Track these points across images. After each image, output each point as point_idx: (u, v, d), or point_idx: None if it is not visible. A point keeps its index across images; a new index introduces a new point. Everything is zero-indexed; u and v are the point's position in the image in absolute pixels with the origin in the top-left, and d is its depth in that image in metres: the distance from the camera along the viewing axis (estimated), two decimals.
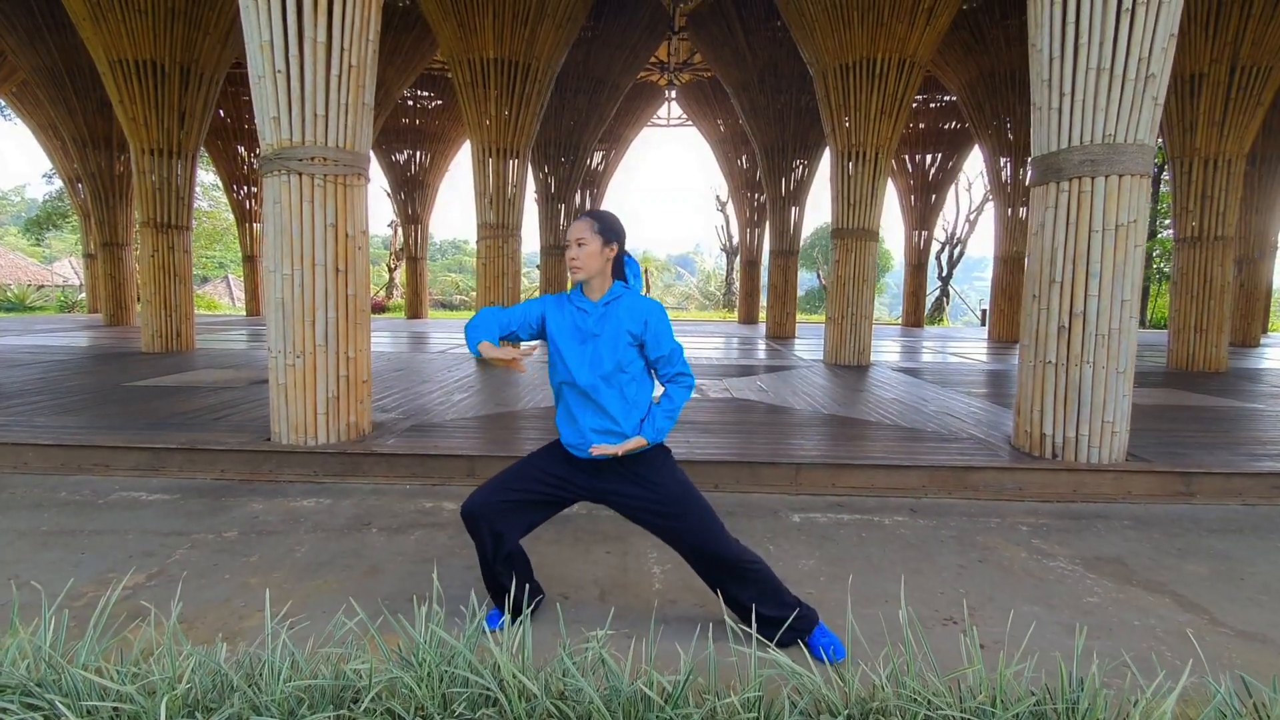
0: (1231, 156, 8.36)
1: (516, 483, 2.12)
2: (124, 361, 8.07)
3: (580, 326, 2.06)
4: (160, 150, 8.69)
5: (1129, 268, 3.79)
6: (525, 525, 2.15)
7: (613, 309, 2.05)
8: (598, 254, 2.02)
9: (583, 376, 2.03)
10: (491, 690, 1.49)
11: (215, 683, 1.61)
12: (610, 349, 2.01)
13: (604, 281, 2.07)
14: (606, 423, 2.03)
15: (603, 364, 2.01)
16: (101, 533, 3.02)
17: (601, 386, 2.01)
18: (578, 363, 2.04)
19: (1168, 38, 3.60)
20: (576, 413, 2.06)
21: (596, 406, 2.03)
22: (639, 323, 2.02)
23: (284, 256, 3.86)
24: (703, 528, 2.04)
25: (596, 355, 2.02)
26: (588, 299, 2.09)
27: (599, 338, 2.03)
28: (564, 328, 2.09)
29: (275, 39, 3.65)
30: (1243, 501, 3.72)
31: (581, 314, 2.07)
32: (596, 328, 2.04)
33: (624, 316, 2.03)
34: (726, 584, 2.06)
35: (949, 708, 1.42)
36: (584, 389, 2.03)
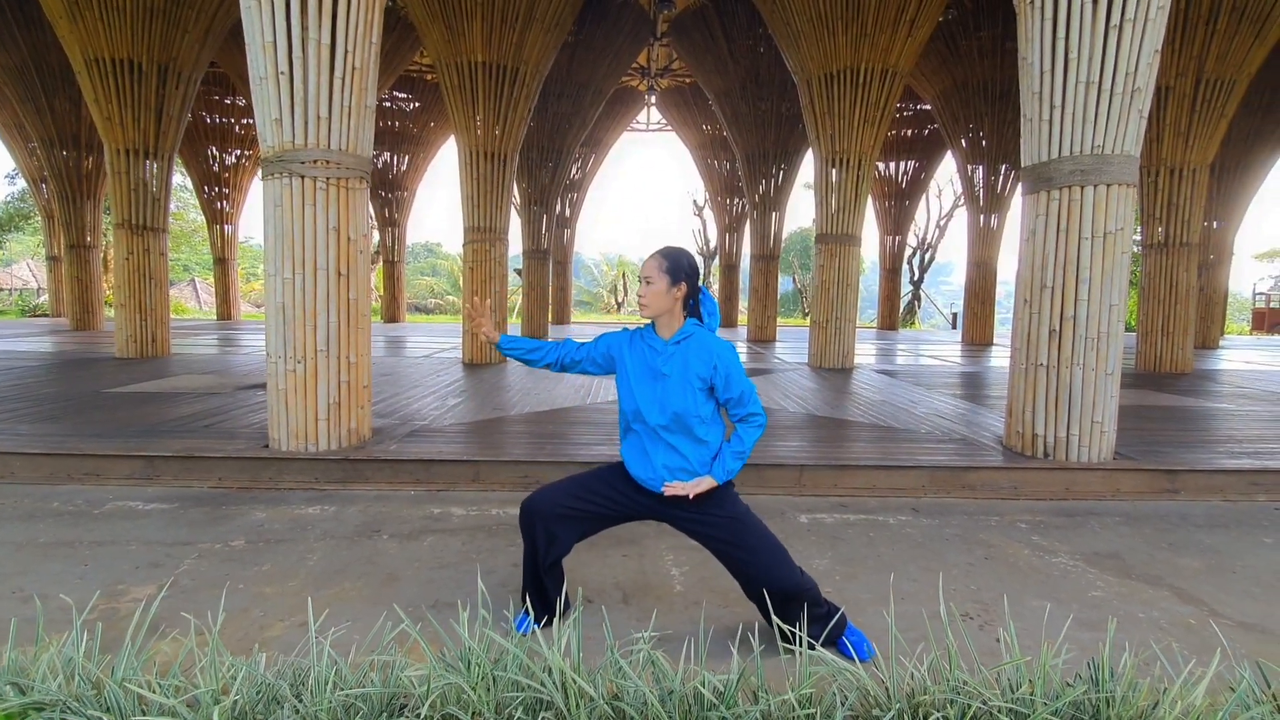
0: (1196, 166, 8.70)
1: (584, 493, 2.12)
2: (99, 367, 7.84)
3: (651, 365, 2.06)
4: (136, 150, 8.47)
5: (1116, 273, 3.93)
6: (580, 533, 2.16)
7: (682, 349, 2.03)
8: (664, 293, 2.01)
9: (653, 416, 2.02)
10: (547, 693, 1.50)
11: (261, 694, 1.59)
12: (680, 390, 2.00)
13: (673, 319, 2.06)
14: (679, 460, 2.03)
15: (672, 405, 2.00)
16: (102, 544, 2.94)
17: (673, 426, 2.01)
18: (648, 401, 2.03)
19: (1152, 53, 3.75)
20: (649, 449, 2.05)
21: (667, 445, 2.03)
22: (708, 365, 2.00)
23: (285, 260, 3.81)
24: (772, 561, 2.01)
25: (666, 395, 2.01)
26: (659, 337, 2.08)
27: (669, 378, 2.02)
28: (636, 365, 2.09)
29: (279, 40, 3.60)
30: (1224, 498, 3.87)
31: (652, 352, 2.06)
32: (666, 367, 2.03)
33: (693, 359, 2.01)
34: (784, 611, 2.00)
35: (997, 699, 1.47)
36: (654, 428, 2.03)
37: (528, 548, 2.15)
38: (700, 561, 2.84)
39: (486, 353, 9.06)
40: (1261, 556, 3.01)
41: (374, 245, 27.51)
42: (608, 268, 40.87)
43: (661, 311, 2.03)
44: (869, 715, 1.51)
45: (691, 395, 2.00)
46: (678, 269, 2.02)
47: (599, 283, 40.20)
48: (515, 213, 15.37)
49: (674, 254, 2.04)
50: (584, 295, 39.48)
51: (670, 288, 2.01)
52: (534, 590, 2.17)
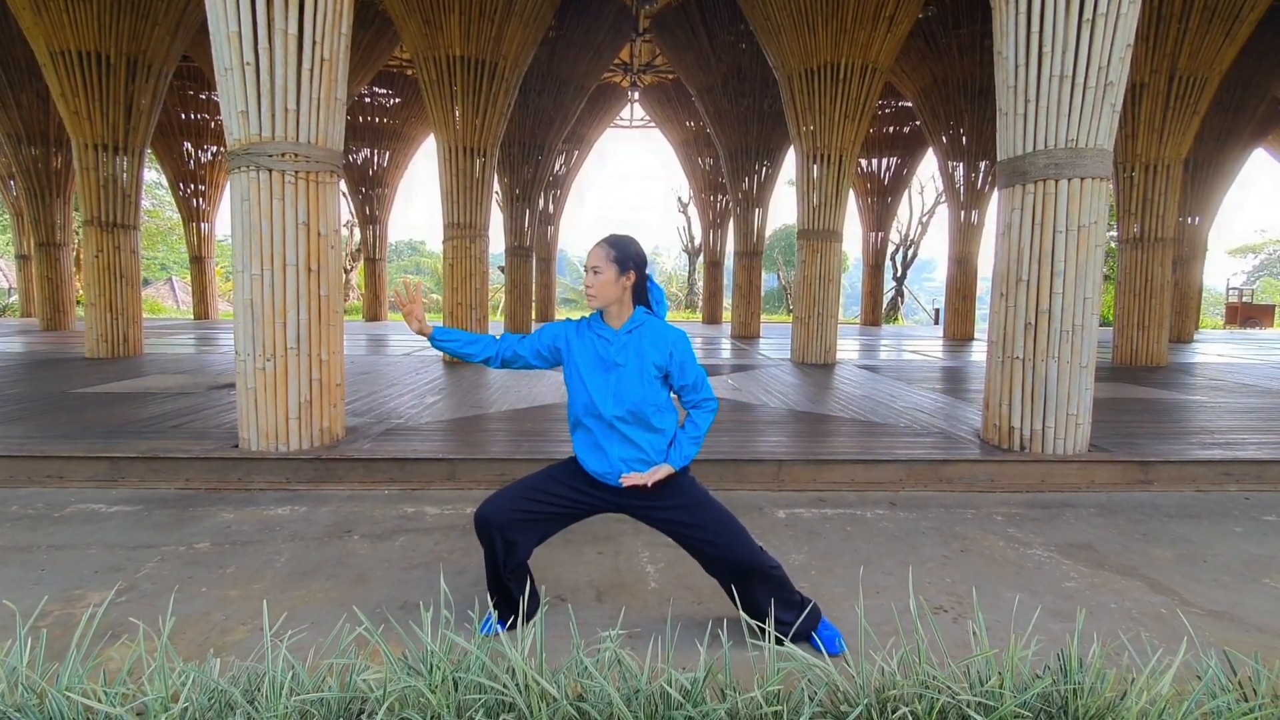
0: (1170, 162, 8.82)
1: (536, 494, 2.07)
2: (68, 367, 7.66)
3: (602, 355, 2.01)
4: (105, 146, 8.27)
5: (1090, 267, 3.95)
6: (540, 536, 2.11)
7: (635, 338, 2.00)
8: (613, 282, 1.97)
9: (608, 408, 1.98)
10: (509, 695, 1.46)
11: (212, 701, 1.53)
12: (635, 380, 1.96)
13: (623, 309, 2.02)
14: (634, 451, 1.99)
15: (628, 396, 1.96)
16: (61, 547, 2.86)
17: (628, 418, 1.97)
18: (602, 394, 1.99)
19: (1125, 47, 3.77)
20: (603, 443, 2.01)
21: (622, 437, 1.99)
22: (663, 353, 1.98)
23: (253, 256, 3.72)
24: (731, 539, 2.01)
25: (621, 387, 1.97)
26: (608, 326, 2.04)
27: (622, 368, 1.98)
28: (586, 356, 2.04)
29: (244, 30, 3.51)
30: (1196, 488, 3.92)
31: (603, 342, 2.02)
32: (619, 357, 1.99)
33: (647, 347, 1.98)
34: (748, 588, 2.01)
35: (964, 693, 1.45)
36: (610, 420, 1.99)
37: (487, 554, 2.10)
38: (676, 558, 2.81)
39: None
40: (1232, 545, 3.04)
41: (355, 243, 27.21)
42: None
43: (610, 301, 1.99)
44: (837, 711, 1.49)
45: (648, 384, 1.97)
46: (625, 257, 1.98)
47: (584, 280, 40.07)
48: (498, 209, 15.29)
49: (621, 242, 2.01)
50: (569, 293, 39.36)
51: (619, 276, 1.97)
52: (498, 592, 2.13)
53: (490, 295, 24.04)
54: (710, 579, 2.60)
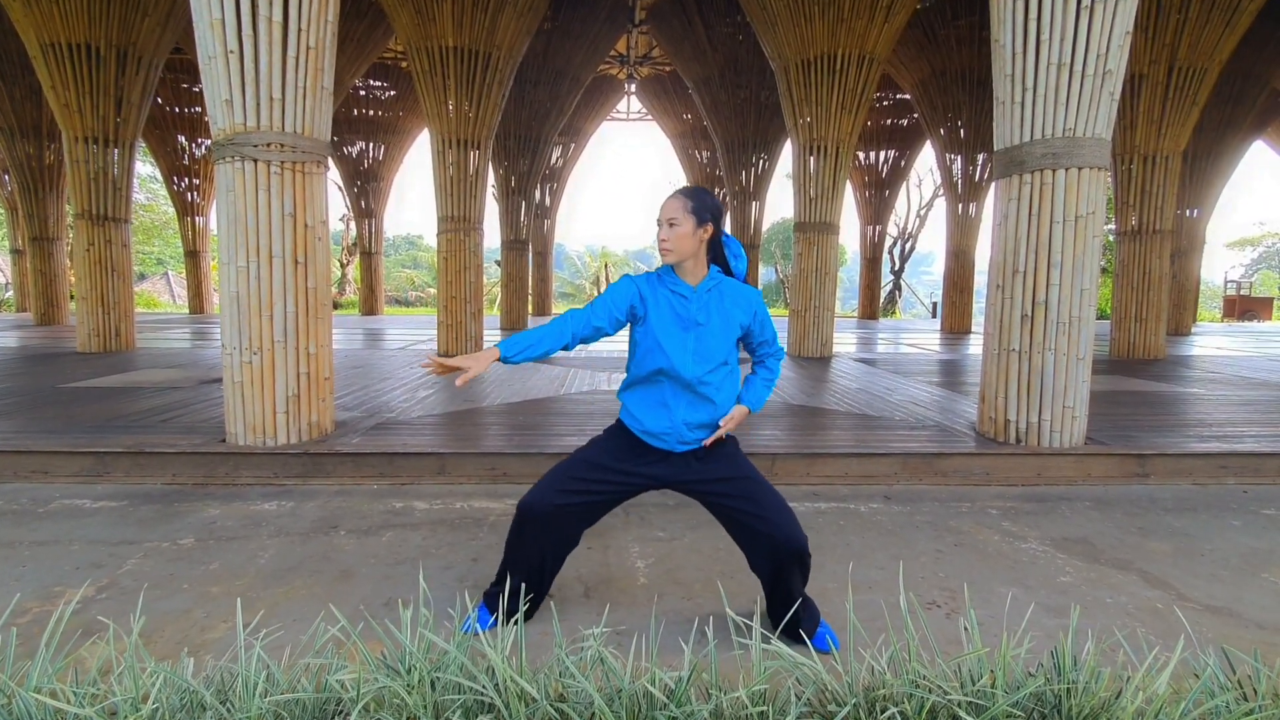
0: (1169, 154, 8.76)
1: (590, 474, 1.98)
2: (59, 362, 7.60)
3: (680, 313, 1.92)
4: (96, 138, 8.19)
5: (1088, 258, 3.91)
6: (589, 522, 2.07)
7: (715, 296, 1.93)
8: (690, 235, 1.88)
9: (689, 369, 1.91)
10: (488, 695, 1.42)
11: (184, 701, 1.49)
12: (720, 341, 1.92)
13: (698, 265, 1.93)
14: (705, 415, 1.95)
15: (713, 356, 1.92)
16: (43, 544, 2.82)
17: (709, 379, 1.93)
18: (681, 354, 1.91)
19: (1123, 35, 3.72)
20: (671, 401, 1.93)
21: (699, 398, 1.93)
22: (749, 313, 1.96)
23: (239, 248, 3.67)
24: (781, 514, 1.94)
25: (703, 347, 1.91)
26: (684, 282, 1.94)
27: (703, 327, 1.91)
28: (663, 314, 1.93)
29: (227, 17, 3.44)
30: (1193, 481, 3.88)
31: (680, 300, 1.93)
32: (701, 316, 1.91)
33: (731, 306, 1.93)
34: (789, 575, 1.94)
35: (955, 692, 1.41)
36: (689, 382, 1.91)
37: (532, 551, 2.00)
38: (666, 553, 2.78)
39: (462, 344, 8.92)
40: (1229, 539, 3.01)
41: (352, 237, 27.08)
42: (590, 259, 40.67)
43: (687, 255, 1.90)
44: (825, 711, 1.45)
45: (729, 343, 1.95)
46: (703, 208, 1.89)
47: (582, 274, 39.99)
48: (494, 202, 15.20)
49: (698, 192, 1.92)
50: (567, 287, 39.23)
51: (696, 228, 1.88)
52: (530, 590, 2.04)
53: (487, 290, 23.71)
54: (699, 573, 2.57)
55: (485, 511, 3.28)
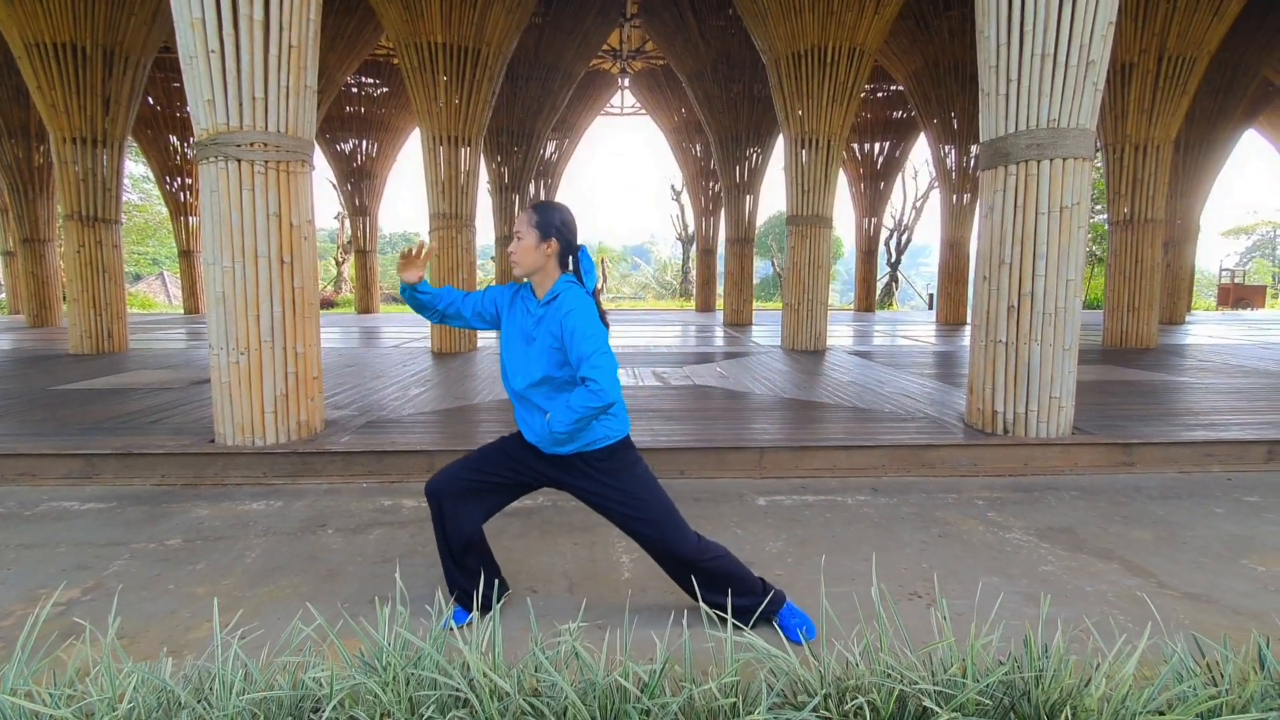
0: (1160, 143, 8.76)
1: (482, 464, 2.07)
2: (50, 364, 7.59)
3: (524, 327, 1.98)
4: (83, 139, 8.15)
5: (1073, 248, 3.91)
6: (488, 508, 2.10)
7: (549, 310, 1.92)
8: (533, 248, 1.90)
9: (516, 381, 1.97)
10: (461, 691, 1.44)
11: (160, 700, 1.50)
12: (540, 355, 1.92)
13: (546, 279, 1.95)
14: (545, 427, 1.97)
15: (533, 372, 1.92)
16: (29, 546, 2.82)
17: (533, 394, 1.94)
18: (514, 367, 1.98)
19: (1106, 25, 3.71)
20: (524, 414, 2.02)
21: (536, 407, 1.96)
22: (558, 323, 1.87)
23: (223, 248, 3.66)
24: (663, 525, 1.99)
25: (529, 360, 1.94)
26: (534, 297, 1.98)
27: (535, 341, 1.93)
28: (512, 327, 2.02)
29: (208, 16, 3.43)
30: (1179, 470, 3.90)
31: (526, 314, 1.99)
32: (534, 330, 1.94)
33: (551, 318, 1.90)
34: (687, 581, 2.01)
35: (923, 681, 1.43)
36: (520, 393, 1.98)
37: (437, 531, 2.09)
38: None
39: (455, 342, 8.92)
40: (1212, 526, 3.03)
41: (347, 236, 27.01)
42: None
43: (532, 268, 1.94)
44: (795, 701, 1.47)
45: (551, 357, 1.90)
46: (547, 224, 1.91)
47: None
48: (489, 197, 15.16)
49: (544, 207, 1.95)
50: None
51: (539, 243, 1.91)
52: (456, 583, 2.10)
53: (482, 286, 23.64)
54: None
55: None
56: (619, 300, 35.17)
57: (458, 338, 8.93)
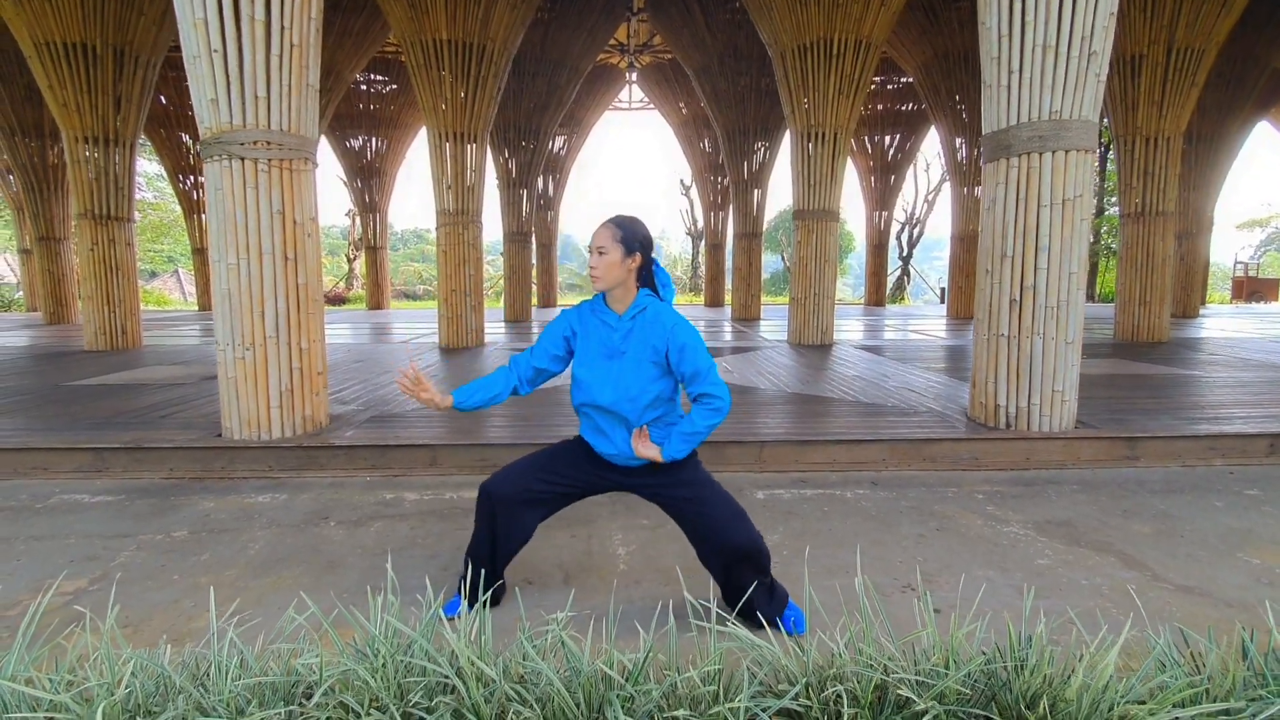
0: (1170, 135, 8.65)
1: (546, 473, 2.06)
2: (65, 360, 7.72)
3: (606, 342, 1.97)
4: (95, 138, 8.26)
5: (1075, 241, 3.89)
6: (544, 515, 2.12)
7: (638, 324, 1.95)
8: (618, 264, 1.92)
9: (604, 396, 1.94)
10: (448, 678, 1.47)
11: (158, 685, 1.55)
12: (637, 369, 1.93)
13: (627, 293, 1.97)
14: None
15: (628, 386, 1.93)
16: (40, 538, 2.89)
17: (625, 406, 1.95)
18: (600, 383, 1.95)
19: (1108, 16, 3.68)
20: (606, 428, 2.00)
21: (623, 422, 1.97)
22: (663, 339, 1.91)
23: (229, 245, 3.71)
24: (730, 519, 1.99)
25: (620, 375, 1.94)
26: (612, 311, 1.99)
27: (624, 355, 1.95)
28: (591, 344, 1.99)
29: (210, 16, 3.47)
30: (1183, 463, 3.88)
31: (607, 329, 1.98)
32: (622, 344, 1.95)
33: (649, 333, 1.93)
34: (739, 571, 1.99)
35: (903, 671, 1.44)
36: (606, 408, 1.96)
37: (484, 535, 2.07)
38: (648, 541, 2.81)
39: (463, 337, 8.98)
40: (1211, 519, 3.02)
41: (358, 232, 27.18)
42: None
43: (615, 283, 1.95)
44: (777, 690, 1.49)
45: (645, 371, 1.93)
46: (632, 238, 1.94)
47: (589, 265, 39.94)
48: (498, 192, 15.20)
49: (627, 222, 1.97)
50: (575, 278, 39.26)
51: (624, 258, 1.93)
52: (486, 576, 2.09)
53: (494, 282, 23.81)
54: (678, 560, 2.61)
55: (473, 502, 3.33)
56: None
57: (465, 334, 8.99)
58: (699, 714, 1.42)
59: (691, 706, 1.45)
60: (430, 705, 1.43)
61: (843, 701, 1.40)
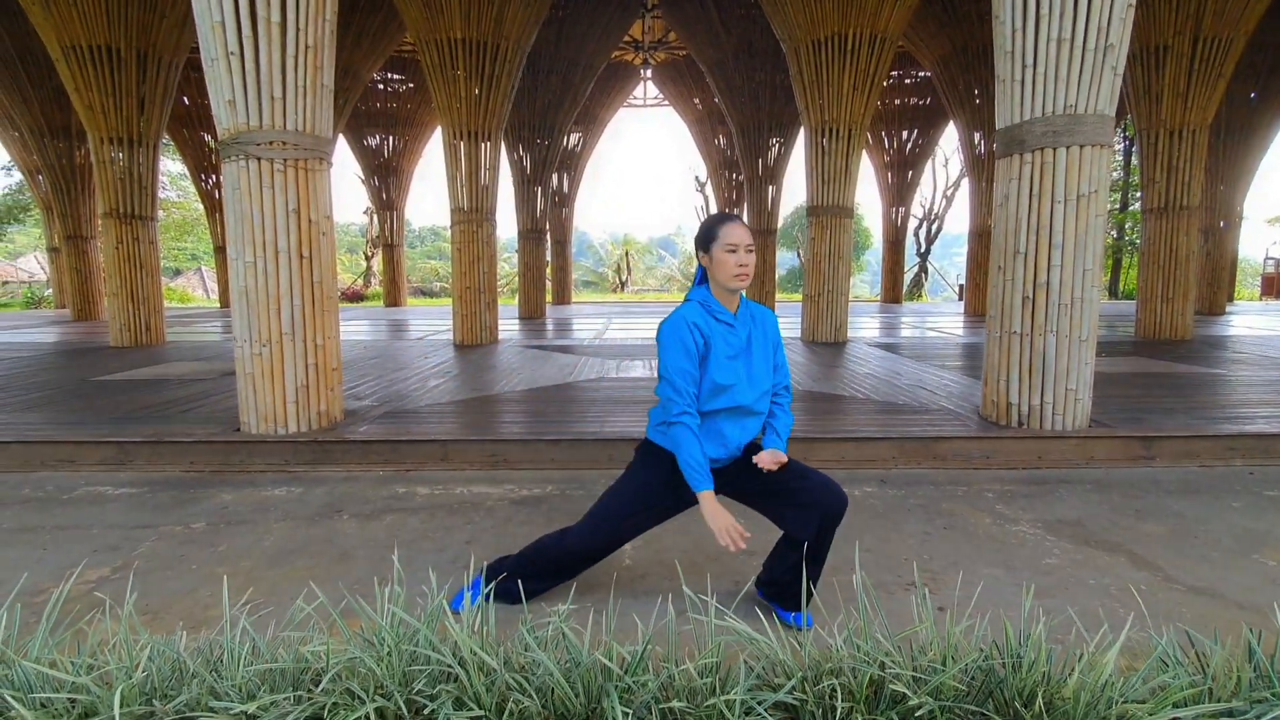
0: (1195, 127, 8.48)
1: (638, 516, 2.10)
2: (91, 356, 7.91)
3: (731, 342, 1.97)
4: (120, 139, 8.45)
5: (1090, 238, 3.84)
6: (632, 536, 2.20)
7: (754, 319, 2.02)
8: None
9: (746, 395, 1.95)
10: (451, 667, 1.50)
11: (174, 670, 1.60)
12: (766, 361, 2.01)
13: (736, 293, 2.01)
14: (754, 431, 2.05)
15: (762, 378, 1.99)
16: (65, 528, 2.98)
17: (761, 402, 2.02)
18: (741, 381, 1.95)
19: (1125, 7, 3.62)
20: (726, 429, 1.97)
21: (754, 418, 2.01)
22: (776, 331, 2.05)
23: (246, 244, 3.79)
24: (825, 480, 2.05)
25: (754, 370, 1.98)
26: (727, 310, 1.97)
27: (752, 351, 1.98)
28: (721, 346, 1.94)
29: (227, 19, 3.54)
30: (1200, 463, 3.82)
31: (727, 328, 1.96)
32: (745, 341, 1.98)
33: (767, 326, 2.02)
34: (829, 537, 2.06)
35: (900, 666, 1.45)
36: (748, 407, 1.97)
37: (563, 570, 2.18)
38: (655, 535, 2.83)
39: (477, 334, 9.06)
40: (1226, 520, 2.97)
41: (375, 230, 27.47)
42: (613, 247, 40.65)
43: None
44: (773, 683, 1.50)
45: (769, 363, 2.03)
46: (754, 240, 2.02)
47: (605, 263, 40.02)
48: (512, 190, 15.28)
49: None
50: (590, 275, 39.33)
51: None
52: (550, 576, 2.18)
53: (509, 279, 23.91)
54: (687, 555, 2.63)
55: (483, 497, 3.38)
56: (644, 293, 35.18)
57: (479, 331, 9.06)
58: (696, 705, 1.44)
59: (688, 698, 1.47)
60: (433, 693, 1.47)
61: (838, 695, 1.41)
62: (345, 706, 1.44)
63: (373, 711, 1.41)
